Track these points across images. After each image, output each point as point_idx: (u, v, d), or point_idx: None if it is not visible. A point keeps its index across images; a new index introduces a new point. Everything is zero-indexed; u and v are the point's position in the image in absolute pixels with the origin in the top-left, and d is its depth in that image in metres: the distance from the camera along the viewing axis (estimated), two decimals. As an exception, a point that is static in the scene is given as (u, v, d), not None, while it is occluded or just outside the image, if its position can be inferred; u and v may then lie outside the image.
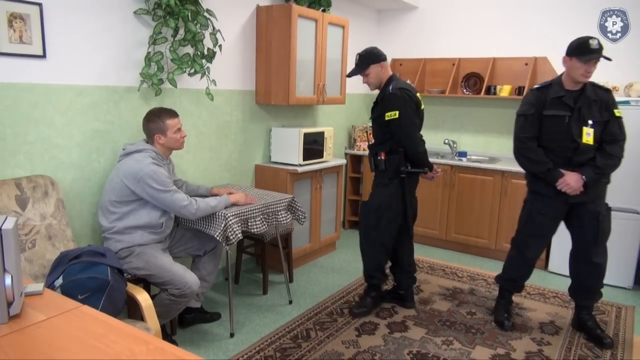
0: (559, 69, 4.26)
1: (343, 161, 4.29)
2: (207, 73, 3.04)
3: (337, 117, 4.86)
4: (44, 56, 2.43)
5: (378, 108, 3.03)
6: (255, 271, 3.91)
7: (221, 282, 3.62)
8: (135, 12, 2.78)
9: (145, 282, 2.67)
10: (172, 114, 2.65)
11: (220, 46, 3.06)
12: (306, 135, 3.80)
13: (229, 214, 2.72)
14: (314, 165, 3.90)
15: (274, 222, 3.07)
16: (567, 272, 3.91)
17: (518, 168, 4.08)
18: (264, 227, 2.95)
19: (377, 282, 3.24)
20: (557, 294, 3.60)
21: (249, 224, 2.87)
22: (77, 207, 2.69)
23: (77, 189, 2.68)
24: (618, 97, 3.64)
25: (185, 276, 2.50)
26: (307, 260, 4.12)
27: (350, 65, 5.12)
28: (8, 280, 1.18)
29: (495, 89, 4.50)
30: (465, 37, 4.79)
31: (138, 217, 2.58)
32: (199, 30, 2.87)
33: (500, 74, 4.58)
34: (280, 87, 3.64)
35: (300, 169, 3.73)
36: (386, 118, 2.94)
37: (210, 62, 3.04)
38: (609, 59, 2.61)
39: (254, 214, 2.90)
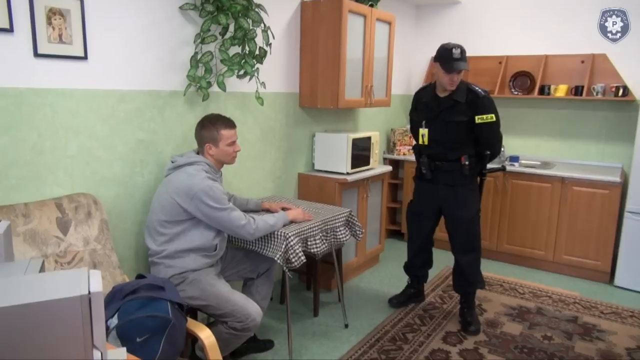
0: (620, 66, 3.98)
1: (389, 168, 4.00)
2: (256, 75, 2.74)
3: (377, 119, 4.56)
4: (84, 57, 2.13)
5: (463, 110, 2.80)
6: (298, 289, 3.60)
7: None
8: (181, 8, 2.48)
9: (192, 311, 2.37)
10: (229, 124, 2.35)
11: (270, 45, 2.76)
12: (354, 141, 3.50)
13: (289, 234, 2.42)
14: (362, 173, 3.60)
15: (332, 240, 2.77)
16: (637, 287, 3.66)
17: (580, 174, 3.80)
18: (324, 246, 2.65)
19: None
20: (633, 312, 3.30)
21: (309, 243, 2.57)
22: (120, 227, 2.39)
23: (120, 207, 2.38)
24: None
25: (248, 307, 2.20)
26: (352, 275, 3.81)
27: (402, 62, 4.88)
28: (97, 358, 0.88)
29: (549, 88, 4.19)
30: (513, 33, 4.47)
31: (190, 238, 2.28)
32: (252, 27, 2.57)
33: (553, 72, 4.27)
34: (328, 89, 3.34)
35: (349, 178, 3.43)
36: (478, 121, 2.78)
37: (261, 63, 2.74)
38: None
39: (314, 232, 2.60)
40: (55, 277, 0.93)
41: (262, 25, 2.66)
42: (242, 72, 2.65)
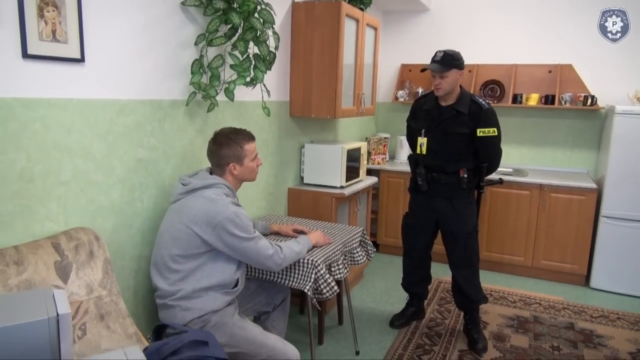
0: (586, 77, 4.16)
1: (374, 179, 3.84)
2: (262, 81, 2.44)
3: (352, 128, 4.39)
4: (81, 60, 1.72)
5: (465, 121, 2.70)
6: (290, 313, 3.29)
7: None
8: (182, 4, 2.12)
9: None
10: (249, 136, 2.05)
11: (277, 48, 2.47)
12: (348, 152, 3.29)
13: (318, 261, 2.16)
14: (355, 186, 3.41)
15: (350, 263, 2.55)
16: (613, 288, 3.82)
17: (557, 181, 3.90)
18: (346, 271, 2.42)
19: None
20: (618, 314, 3.42)
21: (332, 269, 2.33)
22: (118, 264, 1.98)
23: (118, 240, 1.98)
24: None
25: (286, 350, 1.92)
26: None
27: (385, 69, 4.74)
28: None
29: (521, 97, 4.28)
30: (482, 41, 4.53)
31: (208, 274, 1.94)
32: (264, 28, 2.27)
33: (522, 81, 4.37)
34: (324, 97, 3.10)
35: (346, 192, 3.22)
36: (480, 134, 2.68)
37: (269, 69, 2.44)
38: None
39: (337, 257, 2.36)
40: (19, 298, 0.80)
41: (272, 26, 2.37)
42: (250, 78, 2.33)
